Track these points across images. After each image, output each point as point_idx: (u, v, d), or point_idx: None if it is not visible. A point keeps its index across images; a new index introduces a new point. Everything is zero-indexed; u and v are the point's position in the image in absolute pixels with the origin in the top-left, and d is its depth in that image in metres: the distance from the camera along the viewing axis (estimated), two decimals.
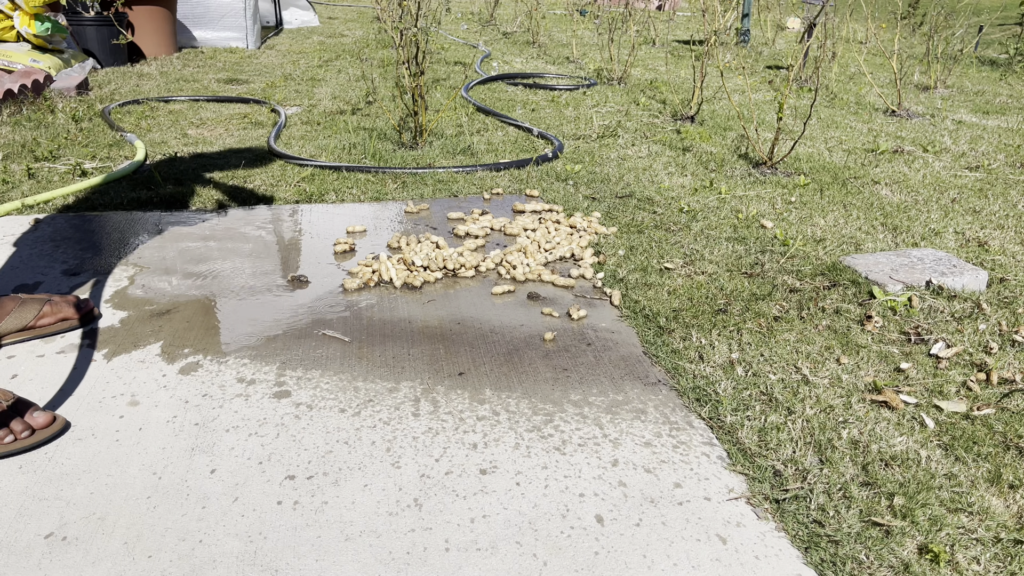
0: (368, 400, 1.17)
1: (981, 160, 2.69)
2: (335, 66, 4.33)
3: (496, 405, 1.17)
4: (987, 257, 1.80)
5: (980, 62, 5.32)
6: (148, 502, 0.95)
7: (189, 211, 1.96)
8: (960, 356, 1.35)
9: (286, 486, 0.98)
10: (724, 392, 1.20)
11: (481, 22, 7.13)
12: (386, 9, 2.52)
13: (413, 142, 2.60)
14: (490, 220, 1.90)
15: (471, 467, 1.03)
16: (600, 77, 4.15)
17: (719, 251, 1.77)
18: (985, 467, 1.05)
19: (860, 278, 1.63)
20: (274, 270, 1.63)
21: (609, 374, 1.26)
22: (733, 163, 2.54)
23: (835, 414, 1.16)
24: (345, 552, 0.88)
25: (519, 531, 0.92)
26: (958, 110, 3.63)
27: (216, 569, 0.85)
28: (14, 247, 1.70)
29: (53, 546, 0.88)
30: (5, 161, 2.30)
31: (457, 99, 3.41)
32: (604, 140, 2.80)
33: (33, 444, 1.04)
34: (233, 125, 2.88)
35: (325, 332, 1.37)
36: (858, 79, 4.41)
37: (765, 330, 1.41)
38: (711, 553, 0.89)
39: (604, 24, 4.35)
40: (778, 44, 5.88)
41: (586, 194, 2.15)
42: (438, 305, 1.49)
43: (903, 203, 2.19)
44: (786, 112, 3.17)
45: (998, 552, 0.90)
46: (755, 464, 1.04)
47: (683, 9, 8.49)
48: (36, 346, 1.29)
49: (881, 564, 0.88)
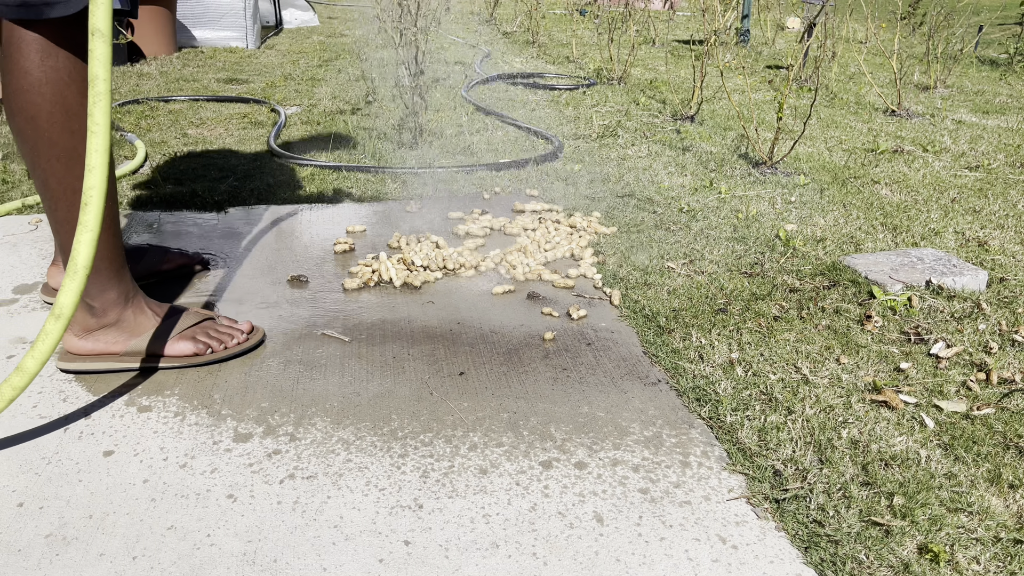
0: (369, 400, 1.17)
1: (981, 160, 2.70)
2: (335, 66, 4.33)
3: (496, 405, 1.17)
4: (987, 257, 1.80)
5: (980, 62, 5.32)
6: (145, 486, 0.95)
7: (188, 211, 1.96)
8: (960, 356, 1.35)
9: (286, 484, 0.98)
10: (724, 392, 1.20)
11: (481, 22, 7.13)
12: (386, 9, 2.52)
13: (413, 142, 2.60)
14: (490, 220, 1.90)
15: (471, 466, 1.03)
16: (600, 77, 4.15)
17: (719, 251, 1.77)
18: (985, 467, 1.05)
19: (860, 278, 1.63)
20: (273, 270, 1.62)
21: (609, 374, 1.26)
22: (733, 163, 2.54)
23: (835, 414, 1.16)
24: (345, 552, 0.88)
25: (519, 531, 0.92)
26: (958, 110, 3.63)
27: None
28: (13, 248, 1.70)
29: (53, 546, 0.88)
30: (5, 161, 2.30)
31: (457, 99, 3.41)
32: (604, 140, 2.80)
33: (254, 344, 1.29)
34: (233, 125, 2.88)
35: (325, 332, 1.37)
36: (858, 79, 4.41)
37: (765, 330, 1.41)
38: (711, 553, 0.89)
39: (604, 24, 4.35)
40: (778, 44, 5.88)
41: (586, 194, 2.15)
42: (438, 305, 1.49)
43: (903, 203, 2.19)
44: (786, 112, 3.17)
45: (998, 552, 0.90)
46: (755, 464, 1.04)
47: (683, 9, 8.49)
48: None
49: (881, 564, 0.88)
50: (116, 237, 1.17)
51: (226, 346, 1.25)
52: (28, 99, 1.05)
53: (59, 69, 1.05)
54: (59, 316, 1.00)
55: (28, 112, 1.05)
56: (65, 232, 1.13)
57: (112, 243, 1.16)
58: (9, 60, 1.05)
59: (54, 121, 1.05)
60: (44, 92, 1.04)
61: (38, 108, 1.05)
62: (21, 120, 1.06)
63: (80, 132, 1.07)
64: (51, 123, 1.05)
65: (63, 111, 1.05)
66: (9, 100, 1.06)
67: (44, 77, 1.04)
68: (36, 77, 1.04)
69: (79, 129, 1.07)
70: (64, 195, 1.10)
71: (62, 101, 1.05)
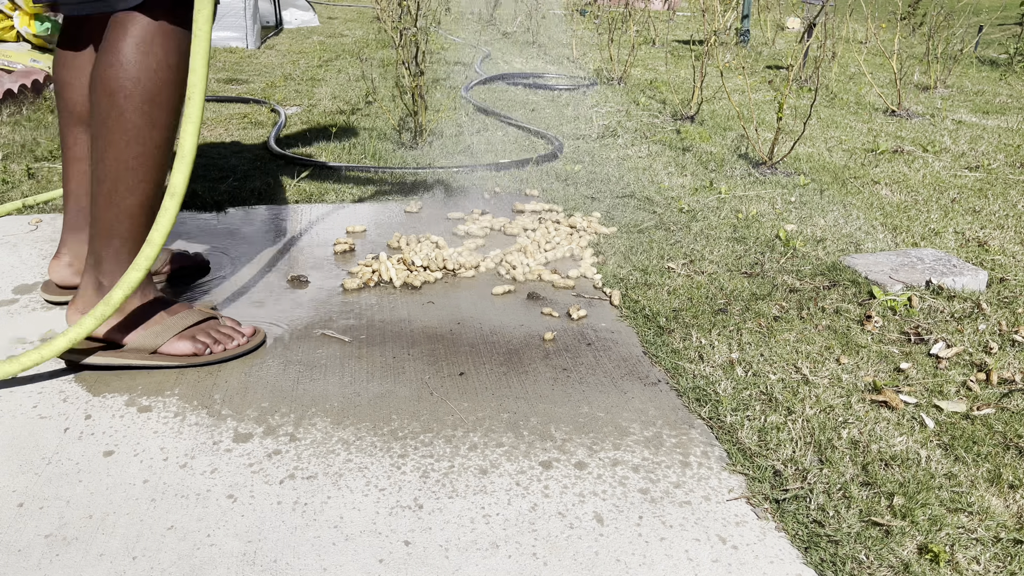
0: (369, 400, 1.17)
1: (981, 160, 2.70)
2: (335, 66, 4.33)
3: (496, 405, 1.17)
4: (987, 257, 1.80)
5: (980, 62, 5.32)
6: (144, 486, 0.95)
7: (188, 211, 1.96)
8: (960, 356, 1.35)
9: (286, 484, 0.98)
10: (724, 392, 1.20)
11: (481, 22, 7.13)
12: (386, 9, 2.52)
13: (413, 142, 2.60)
14: (490, 220, 1.90)
15: (471, 466, 1.03)
16: (600, 77, 4.15)
17: (719, 251, 1.77)
18: (985, 467, 1.05)
19: (860, 278, 1.63)
20: (273, 270, 1.62)
21: (609, 374, 1.26)
22: (733, 163, 2.54)
23: (835, 414, 1.16)
24: (345, 552, 0.88)
25: (519, 531, 0.92)
26: (958, 110, 3.63)
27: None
28: (13, 248, 1.70)
29: (53, 546, 0.88)
30: (5, 161, 2.30)
31: (457, 99, 3.41)
32: (604, 140, 2.80)
33: (254, 347, 1.28)
34: (233, 125, 2.88)
35: (324, 332, 1.37)
36: (858, 79, 4.41)
37: (765, 330, 1.41)
38: (711, 553, 0.89)
39: (604, 24, 4.34)
40: (778, 44, 5.88)
41: (586, 194, 2.15)
42: (438, 305, 1.49)
43: (903, 203, 2.19)
44: (786, 112, 3.17)
45: (998, 552, 0.90)
46: (755, 464, 1.04)
47: (683, 9, 8.49)
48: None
49: (881, 564, 0.88)
50: (145, 227, 1.18)
51: (225, 347, 1.25)
52: (112, 73, 1.12)
53: (152, 55, 1.13)
54: (173, 194, 1.14)
55: (110, 87, 1.12)
56: (103, 206, 1.16)
57: (141, 230, 1.19)
58: (106, 42, 1.13)
59: (131, 99, 1.12)
60: (129, 72, 1.12)
61: (119, 84, 1.12)
62: (100, 93, 1.13)
63: (150, 114, 1.14)
64: (128, 101, 1.12)
65: (142, 92, 1.13)
66: (95, 73, 1.14)
67: (134, 59, 1.12)
68: (127, 57, 1.12)
69: (149, 111, 1.13)
70: (114, 171, 1.15)
71: (146, 82, 1.13)
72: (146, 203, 1.17)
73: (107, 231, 1.17)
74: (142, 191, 1.16)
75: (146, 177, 1.16)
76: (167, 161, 1.19)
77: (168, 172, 1.16)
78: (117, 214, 1.16)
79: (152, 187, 1.17)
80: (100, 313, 1.13)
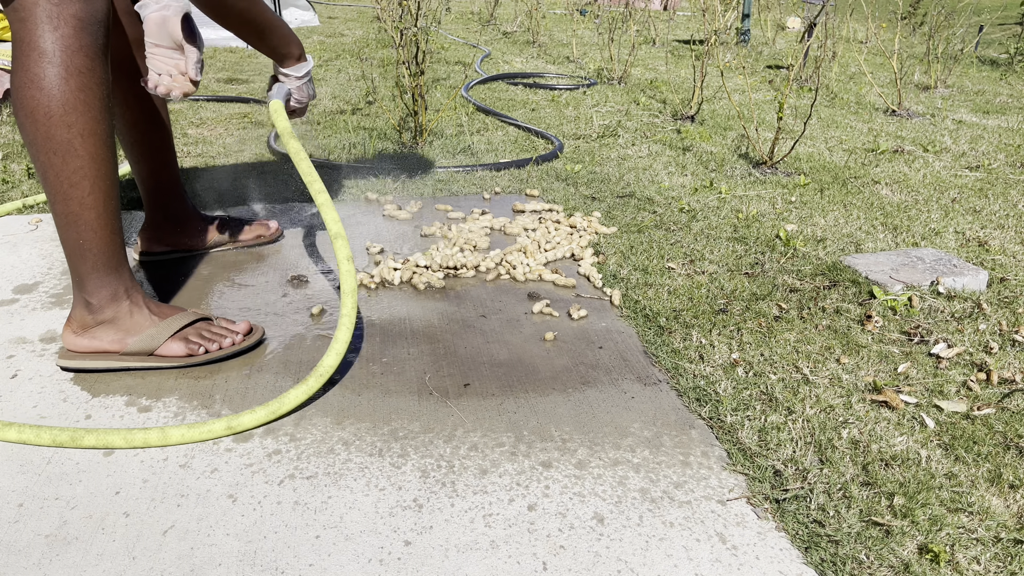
0: (368, 400, 1.17)
1: (981, 160, 2.70)
2: (335, 66, 4.33)
3: (497, 405, 1.17)
4: (987, 257, 1.80)
5: (980, 62, 5.32)
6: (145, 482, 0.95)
7: None
8: (960, 356, 1.35)
9: (286, 485, 0.98)
10: (724, 392, 1.20)
11: (481, 22, 7.13)
12: (386, 9, 2.52)
13: (413, 142, 2.60)
14: (490, 220, 1.90)
15: (471, 466, 1.03)
16: (600, 77, 4.15)
17: (719, 251, 1.77)
18: (985, 467, 1.05)
19: (860, 278, 1.63)
20: (274, 269, 1.62)
21: (609, 374, 1.26)
22: (733, 163, 2.54)
23: (835, 414, 1.16)
24: (345, 552, 0.88)
25: (519, 531, 0.92)
26: (958, 110, 3.63)
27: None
28: (13, 248, 1.70)
29: (53, 546, 0.88)
30: (5, 161, 2.30)
31: (457, 99, 3.41)
32: (604, 140, 2.80)
33: (252, 344, 1.29)
34: (233, 125, 2.88)
35: (325, 332, 1.37)
36: (858, 79, 4.41)
37: (765, 330, 1.41)
38: (711, 553, 0.89)
39: (604, 24, 4.34)
40: (778, 44, 5.88)
41: (586, 194, 2.15)
42: (438, 305, 1.49)
43: (903, 203, 2.19)
44: (786, 112, 3.17)
45: (998, 552, 0.90)
46: (755, 464, 1.04)
47: (683, 9, 8.49)
48: (35, 345, 1.30)
49: (881, 564, 0.88)
50: (115, 234, 1.17)
51: (220, 346, 1.25)
52: (28, 94, 1.08)
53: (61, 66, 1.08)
54: (348, 292, 1.25)
55: (27, 107, 1.08)
56: (64, 226, 1.15)
57: (110, 239, 1.17)
58: (15, 60, 1.09)
59: (51, 116, 1.08)
60: (44, 88, 1.07)
61: (36, 103, 1.08)
62: (21, 115, 1.10)
63: (75, 126, 1.10)
64: (48, 119, 1.08)
65: (60, 106, 1.08)
66: (13, 94, 1.10)
67: (43, 73, 1.07)
68: (35, 73, 1.07)
69: (74, 123, 1.10)
70: (61, 189, 1.12)
71: (60, 95, 1.08)
72: (104, 213, 1.15)
73: (78, 249, 1.16)
74: (94, 201, 1.13)
75: (94, 187, 1.13)
76: (112, 165, 1.15)
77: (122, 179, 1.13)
78: (80, 230, 1.14)
79: (103, 196, 1.14)
80: (311, 386, 1.14)
